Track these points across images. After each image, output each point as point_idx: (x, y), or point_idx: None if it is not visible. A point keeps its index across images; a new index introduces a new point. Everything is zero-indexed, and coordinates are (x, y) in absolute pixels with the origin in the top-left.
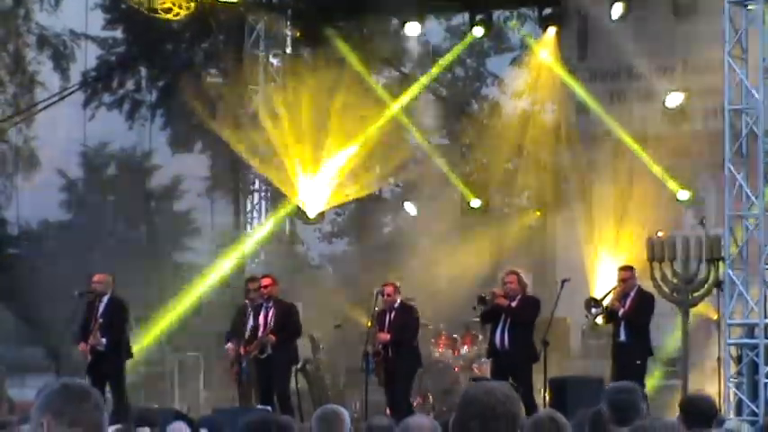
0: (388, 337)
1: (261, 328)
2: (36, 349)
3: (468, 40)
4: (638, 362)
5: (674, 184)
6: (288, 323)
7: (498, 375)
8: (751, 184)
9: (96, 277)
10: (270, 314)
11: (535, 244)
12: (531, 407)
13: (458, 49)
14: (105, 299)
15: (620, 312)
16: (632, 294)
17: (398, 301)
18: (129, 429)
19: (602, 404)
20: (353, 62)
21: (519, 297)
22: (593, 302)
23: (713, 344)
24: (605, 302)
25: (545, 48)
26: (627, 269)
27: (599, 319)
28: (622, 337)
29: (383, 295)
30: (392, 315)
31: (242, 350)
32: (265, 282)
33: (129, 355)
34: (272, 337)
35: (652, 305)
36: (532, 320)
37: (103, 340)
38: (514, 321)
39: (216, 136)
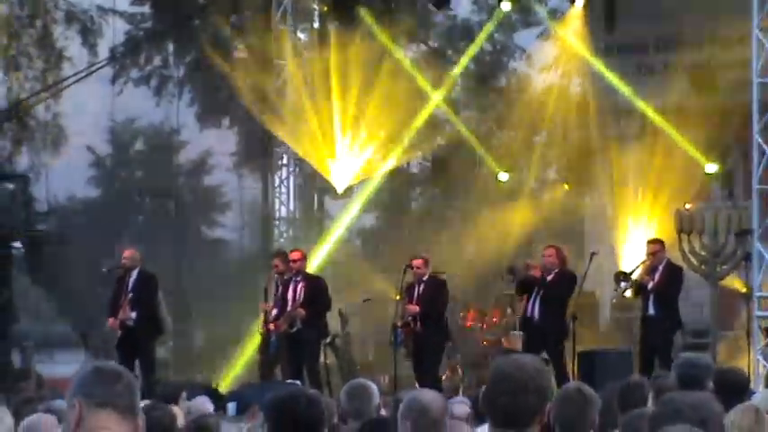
0: (417, 308)
1: (290, 303)
2: (64, 325)
3: (498, 15)
4: (667, 335)
5: (702, 157)
6: (317, 297)
7: (530, 348)
8: None
9: (126, 252)
10: (299, 288)
11: (563, 217)
12: (563, 382)
13: (489, 26)
14: (135, 273)
15: (649, 286)
16: (661, 268)
17: (427, 275)
18: (157, 405)
19: (671, 373)
20: (381, 36)
21: (556, 271)
22: (622, 276)
23: (742, 316)
24: (634, 276)
25: (572, 21)
26: (656, 242)
27: (628, 293)
28: (651, 310)
29: (412, 268)
30: (421, 288)
31: (272, 325)
32: (294, 256)
33: (160, 330)
34: (302, 311)
35: (681, 278)
36: (567, 295)
37: (133, 315)
38: (547, 294)
39: (244, 111)
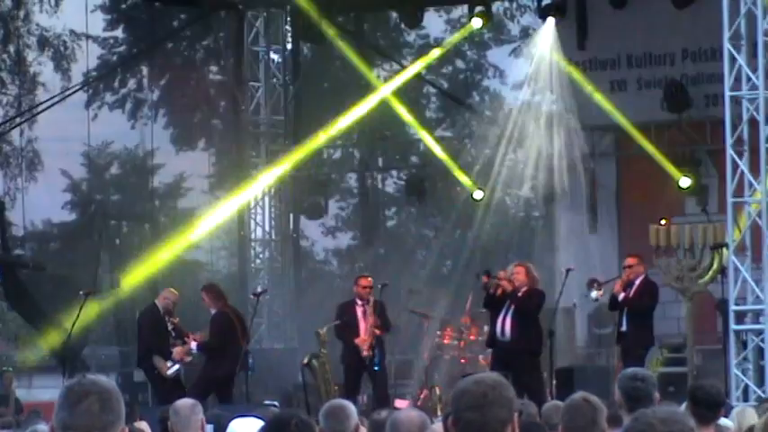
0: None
1: None
2: (42, 350)
3: (466, 30)
4: (639, 353)
5: (676, 172)
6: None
7: (498, 366)
8: (753, 170)
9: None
10: None
11: (539, 234)
12: (540, 396)
13: (456, 38)
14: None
15: (620, 297)
16: (637, 282)
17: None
18: None
19: (616, 391)
20: (353, 57)
21: (525, 289)
22: (595, 283)
23: (718, 330)
24: (607, 286)
25: (545, 38)
26: (632, 257)
27: (594, 296)
28: (624, 326)
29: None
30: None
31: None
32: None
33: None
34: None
35: (656, 294)
36: (536, 311)
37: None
38: (518, 309)
39: (218, 133)
